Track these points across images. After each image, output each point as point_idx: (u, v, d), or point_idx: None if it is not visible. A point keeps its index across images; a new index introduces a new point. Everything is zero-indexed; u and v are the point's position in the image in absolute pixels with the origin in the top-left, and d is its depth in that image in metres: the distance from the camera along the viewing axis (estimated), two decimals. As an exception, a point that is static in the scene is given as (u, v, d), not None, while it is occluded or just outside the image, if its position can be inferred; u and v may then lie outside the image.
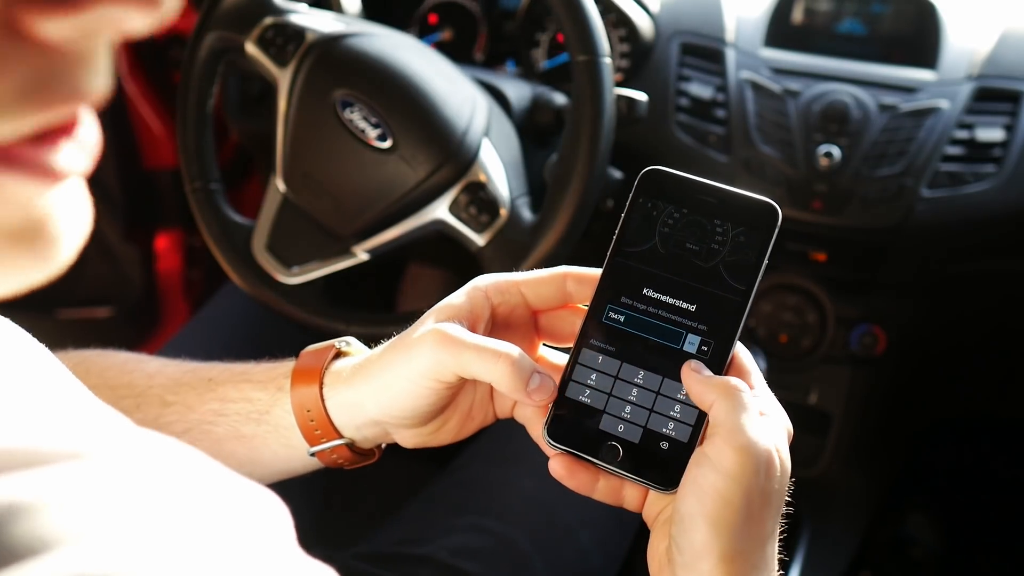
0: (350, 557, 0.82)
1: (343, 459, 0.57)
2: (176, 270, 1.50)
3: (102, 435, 0.32)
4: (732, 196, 0.51)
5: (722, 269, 0.51)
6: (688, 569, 0.46)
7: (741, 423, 0.46)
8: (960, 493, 1.45)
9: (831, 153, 1.02)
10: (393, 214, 0.83)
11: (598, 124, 0.78)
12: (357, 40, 0.84)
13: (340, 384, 0.55)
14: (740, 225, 0.51)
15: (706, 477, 0.46)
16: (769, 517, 0.46)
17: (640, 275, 0.51)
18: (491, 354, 0.50)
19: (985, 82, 1.04)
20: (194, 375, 0.61)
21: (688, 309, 0.51)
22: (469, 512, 0.85)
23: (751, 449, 0.45)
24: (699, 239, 0.51)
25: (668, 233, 0.51)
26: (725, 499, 0.45)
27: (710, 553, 0.45)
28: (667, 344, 0.51)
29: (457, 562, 0.79)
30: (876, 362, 1.17)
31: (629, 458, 0.50)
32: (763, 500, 0.46)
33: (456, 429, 0.57)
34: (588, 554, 0.86)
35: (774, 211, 0.51)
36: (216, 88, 0.87)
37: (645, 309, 0.51)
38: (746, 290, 0.50)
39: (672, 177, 0.52)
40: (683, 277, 0.51)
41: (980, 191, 1.02)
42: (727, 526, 0.45)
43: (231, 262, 0.86)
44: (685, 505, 0.46)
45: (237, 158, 1.45)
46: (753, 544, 0.46)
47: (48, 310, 1.41)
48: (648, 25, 1.10)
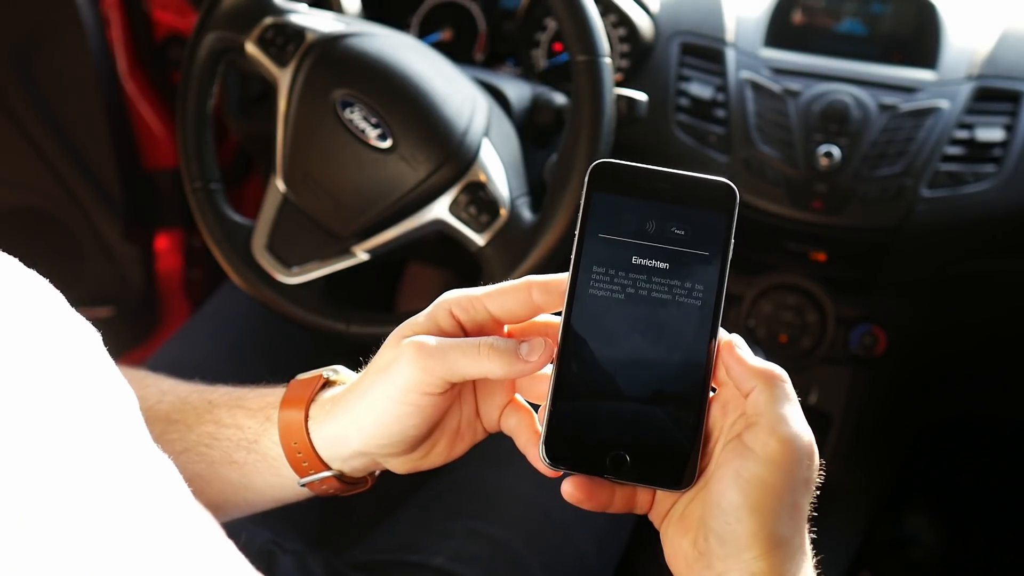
0: (347, 566, 0.82)
1: (333, 489, 0.57)
2: (176, 270, 1.50)
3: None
4: (686, 180, 0.50)
5: (692, 252, 0.50)
6: (730, 560, 0.45)
7: (784, 413, 0.46)
8: (960, 493, 1.45)
9: (831, 153, 1.02)
10: (393, 214, 0.83)
11: (598, 124, 0.78)
12: (357, 40, 0.84)
13: (323, 417, 0.55)
14: (701, 207, 0.50)
15: (749, 468, 0.45)
16: (806, 503, 0.47)
17: (611, 271, 0.50)
18: (473, 347, 0.49)
19: (985, 82, 1.04)
20: (198, 396, 0.61)
21: (666, 298, 0.49)
22: (465, 516, 0.84)
23: (796, 439, 0.45)
24: (663, 226, 0.50)
25: (631, 224, 0.50)
26: (771, 488, 0.45)
27: (756, 542, 0.45)
28: (652, 338, 0.49)
29: (454, 568, 0.79)
30: (876, 362, 1.17)
31: (637, 465, 0.48)
32: (805, 487, 0.46)
33: (446, 451, 0.56)
34: (585, 554, 0.86)
35: (730, 189, 0.50)
36: (216, 88, 0.87)
37: (623, 305, 0.50)
38: (720, 270, 0.49)
39: (623, 168, 0.51)
40: (655, 266, 0.50)
41: (980, 191, 1.02)
42: (773, 514, 0.45)
43: (231, 262, 0.86)
44: (727, 497, 0.45)
45: (237, 158, 1.45)
46: (795, 529, 0.46)
47: (48, 310, 1.41)
48: (648, 25, 1.10)
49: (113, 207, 1.39)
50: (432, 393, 0.50)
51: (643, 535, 0.53)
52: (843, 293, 1.15)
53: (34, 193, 1.40)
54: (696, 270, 0.50)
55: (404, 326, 0.53)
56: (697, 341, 0.49)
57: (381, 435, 0.52)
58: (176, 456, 0.58)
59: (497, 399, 0.54)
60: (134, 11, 1.36)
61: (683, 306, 0.49)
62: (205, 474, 0.58)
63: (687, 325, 0.49)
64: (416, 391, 0.50)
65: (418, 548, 0.82)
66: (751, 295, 1.15)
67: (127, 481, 0.36)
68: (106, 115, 1.34)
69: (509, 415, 0.54)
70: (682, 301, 0.49)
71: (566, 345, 0.49)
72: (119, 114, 1.36)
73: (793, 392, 0.47)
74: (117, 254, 1.43)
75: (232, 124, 1.24)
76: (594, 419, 0.49)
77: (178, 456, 0.58)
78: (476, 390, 0.55)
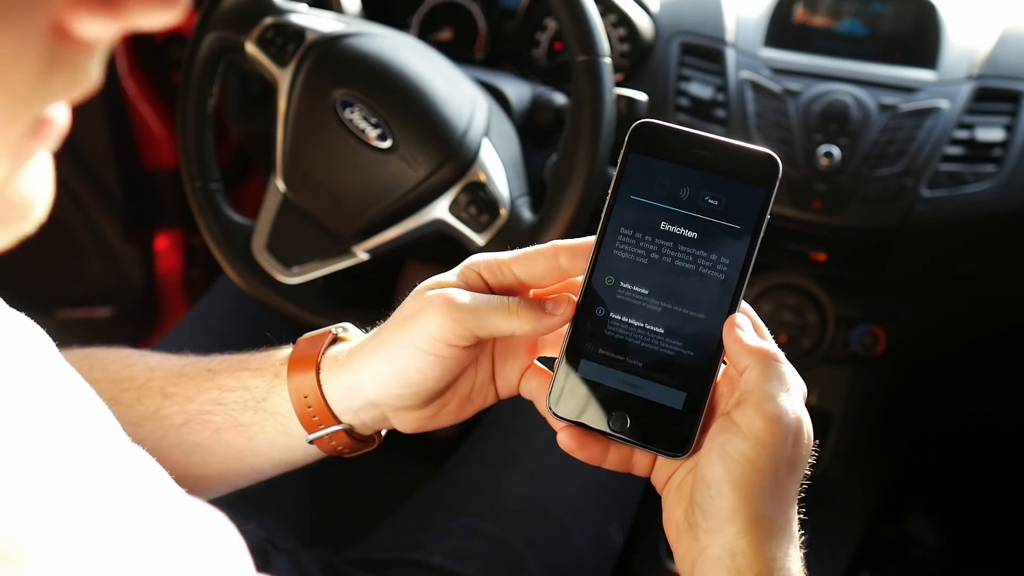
0: (346, 564, 0.82)
1: (342, 446, 0.57)
2: (176, 270, 1.50)
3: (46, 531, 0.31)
4: (729, 148, 0.49)
5: (724, 224, 0.49)
6: (713, 533, 0.46)
7: (772, 392, 0.46)
8: (960, 493, 1.45)
9: (831, 153, 1.02)
10: (393, 214, 0.83)
11: (598, 124, 0.78)
12: (357, 40, 0.84)
13: (337, 368, 0.55)
14: (740, 178, 0.49)
15: (733, 444, 0.46)
16: (793, 483, 0.47)
17: (638, 234, 0.50)
18: (503, 303, 0.50)
19: (985, 82, 1.04)
20: (194, 366, 0.61)
21: (688, 269, 0.49)
22: (463, 514, 0.85)
23: (782, 418, 0.46)
24: (697, 194, 0.49)
25: (664, 188, 0.49)
26: (754, 465, 0.45)
27: (737, 517, 0.45)
28: (670, 305, 0.49)
29: (452, 566, 0.79)
30: (876, 362, 1.17)
31: (638, 426, 0.49)
32: (789, 467, 0.46)
33: (455, 412, 0.56)
34: (582, 552, 0.86)
35: (774, 162, 0.49)
36: (216, 88, 0.87)
37: (646, 270, 0.49)
38: (749, 245, 0.49)
39: (665, 130, 0.50)
40: (683, 235, 0.49)
41: (980, 191, 1.02)
42: (754, 491, 0.45)
43: (231, 262, 0.86)
44: (712, 471, 0.46)
45: (237, 158, 1.45)
46: (778, 508, 0.46)
47: (48, 310, 1.41)
48: (648, 25, 1.10)
49: (113, 207, 1.39)
50: (458, 345, 0.51)
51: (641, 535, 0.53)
52: (843, 293, 1.15)
53: (34, 193, 1.40)
54: (725, 243, 0.49)
55: (430, 282, 0.53)
56: (714, 314, 0.49)
57: (399, 384, 0.52)
58: (177, 429, 0.57)
59: (518, 362, 0.55)
60: (134, 11, 1.35)
61: (706, 278, 0.49)
62: (208, 443, 0.58)
63: (707, 297, 0.49)
64: (444, 340, 0.50)
65: (417, 546, 0.82)
66: (751, 295, 1.15)
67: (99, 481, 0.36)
68: (106, 115, 1.34)
69: (529, 379, 0.54)
70: (706, 273, 0.49)
71: (585, 301, 0.50)
72: (119, 114, 1.36)
73: (789, 374, 0.48)
74: (117, 254, 1.43)
75: (232, 124, 1.24)
76: (602, 377, 0.50)
77: (179, 429, 0.58)
78: (495, 353, 0.55)
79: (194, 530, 0.36)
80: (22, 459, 0.33)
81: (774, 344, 0.49)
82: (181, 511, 0.37)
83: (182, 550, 0.35)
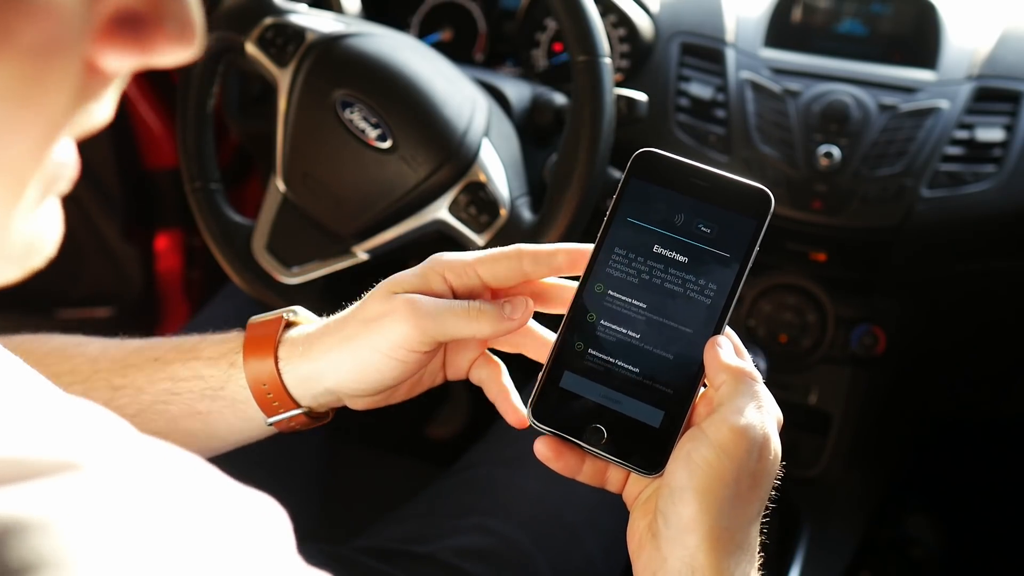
0: (353, 550, 0.82)
1: (300, 425, 0.59)
2: (176, 270, 1.50)
3: (96, 443, 0.32)
4: (725, 181, 0.51)
5: (714, 251, 0.51)
6: (673, 543, 0.46)
7: (741, 405, 0.47)
8: (960, 493, 1.45)
9: (831, 153, 1.02)
10: (393, 214, 0.83)
11: (598, 124, 0.78)
12: (357, 40, 0.84)
13: (296, 358, 0.56)
14: (733, 210, 0.51)
15: (699, 451, 0.47)
16: (756, 499, 0.47)
17: (632, 255, 0.51)
18: (465, 309, 0.51)
19: (985, 82, 1.04)
20: (139, 355, 0.61)
21: (676, 292, 0.51)
22: (474, 512, 0.84)
23: (748, 430, 0.47)
24: (691, 221, 0.51)
25: (661, 214, 0.51)
26: (717, 473, 0.46)
27: (698, 526, 0.46)
28: (656, 325, 0.51)
29: (461, 562, 0.79)
30: (876, 362, 1.17)
31: (613, 441, 0.50)
32: (752, 481, 0.47)
33: (405, 393, 0.58)
34: (593, 557, 0.86)
35: (767, 197, 0.51)
36: (216, 88, 0.87)
37: (636, 289, 0.51)
38: (737, 273, 0.50)
39: (665, 160, 0.52)
40: (675, 259, 0.51)
41: (980, 191, 1.02)
42: (716, 501, 0.46)
43: (231, 262, 0.86)
44: (676, 478, 0.47)
45: (237, 158, 1.45)
46: (739, 523, 0.47)
47: (48, 310, 1.41)
48: (648, 25, 1.10)
49: (113, 207, 1.39)
50: (420, 351, 0.52)
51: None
52: (843, 293, 1.15)
53: (34, 193, 1.40)
54: (714, 269, 0.51)
55: (392, 282, 0.54)
56: (698, 337, 0.50)
57: (359, 380, 0.54)
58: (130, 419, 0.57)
59: (469, 353, 0.57)
60: (134, 11, 1.35)
61: (693, 302, 0.51)
62: (164, 431, 0.59)
63: (692, 321, 0.50)
64: (406, 347, 0.52)
65: (426, 540, 0.82)
66: (751, 295, 1.15)
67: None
68: (106, 115, 1.33)
69: (480, 367, 0.56)
70: (693, 297, 0.51)
71: (574, 315, 0.52)
72: (119, 114, 1.36)
73: (763, 394, 0.49)
74: (117, 254, 1.43)
75: (232, 124, 1.24)
76: (584, 389, 0.51)
77: (132, 419, 0.58)
78: (447, 344, 0.57)
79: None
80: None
81: (752, 366, 0.50)
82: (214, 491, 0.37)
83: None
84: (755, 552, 0.48)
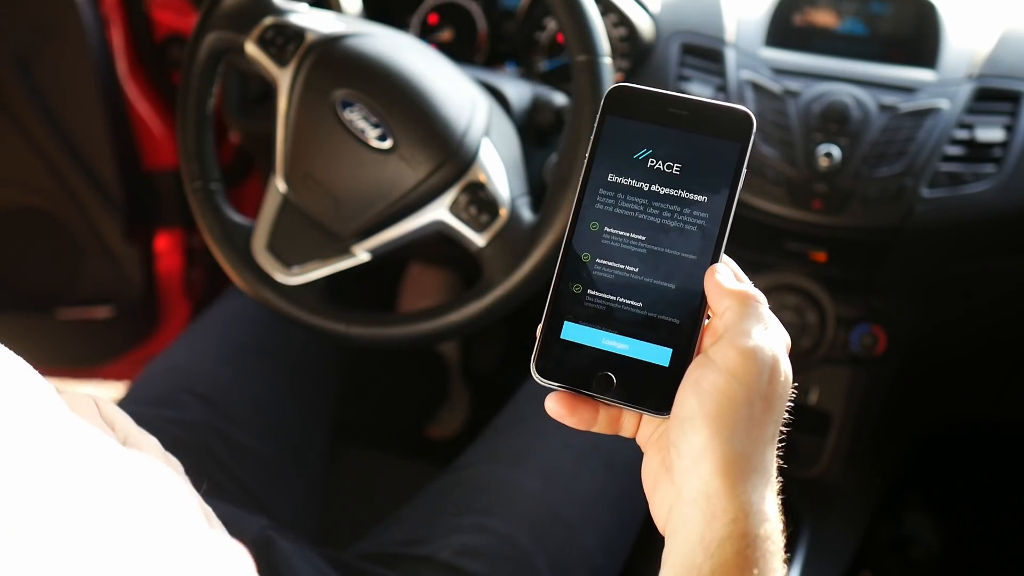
0: (353, 556, 0.82)
1: None
2: (176, 270, 1.49)
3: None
4: (703, 107, 0.50)
5: (701, 180, 0.50)
6: (687, 474, 0.46)
7: (748, 328, 0.46)
8: (960, 493, 1.45)
9: (831, 153, 1.02)
10: (393, 214, 0.83)
11: (598, 124, 0.78)
12: (357, 40, 0.84)
13: None
14: (714, 135, 0.50)
15: (707, 377, 0.46)
16: (769, 421, 0.46)
17: (619, 195, 0.50)
18: None
19: (985, 82, 1.04)
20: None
21: (669, 226, 0.50)
22: (472, 512, 0.84)
23: (757, 352, 0.46)
24: (674, 151, 0.50)
25: (642, 148, 0.50)
26: (728, 398, 0.45)
27: (711, 454, 0.45)
28: (651, 262, 0.50)
29: (460, 562, 0.79)
30: (876, 362, 1.17)
31: (623, 386, 0.49)
32: (765, 404, 0.46)
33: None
34: (592, 553, 0.86)
35: (747, 118, 0.50)
36: (216, 88, 0.87)
37: (627, 228, 0.50)
38: (728, 198, 0.49)
39: (639, 93, 0.51)
40: (662, 192, 0.50)
41: (980, 191, 1.02)
42: (727, 426, 0.45)
43: (231, 262, 0.86)
44: (685, 407, 0.46)
45: (237, 158, 1.45)
46: (753, 447, 0.46)
47: (48, 310, 1.41)
48: (648, 25, 1.10)
49: (113, 207, 1.39)
50: None
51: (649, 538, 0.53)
52: (843, 293, 1.15)
53: (34, 193, 1.40)
54: (704, 197, 0.49)
55: None
56: (696, 269, 0.49)
57: None
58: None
59: None
60: (134, 11, 1.35)
61: (686, 234, 0.50)
62: None
63: (688, 251, 0.49)
64: None
65: (424, 542, 0.82)
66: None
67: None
68: (106, 115, 1.34)
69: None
70: (686, 229, 0.50)
71: (565, 263, 0.50)
72: (119, 114, 1.36)
73: (767, 316, 0.48)
74: (117, 254, 1.43)
75: (232, 124, 1.24)
76: (586, 338, 0.50)
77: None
78: None
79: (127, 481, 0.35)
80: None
81: (753, 287, 0.49)
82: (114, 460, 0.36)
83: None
84: (772, 475, 0.47)
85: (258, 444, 0.94)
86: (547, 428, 0.92)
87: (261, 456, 0.93)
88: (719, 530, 0.44)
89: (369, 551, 0.83)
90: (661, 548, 0.51)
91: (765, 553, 0.45)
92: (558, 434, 0.91)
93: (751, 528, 0.44)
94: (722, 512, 0.44)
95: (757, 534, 0.44)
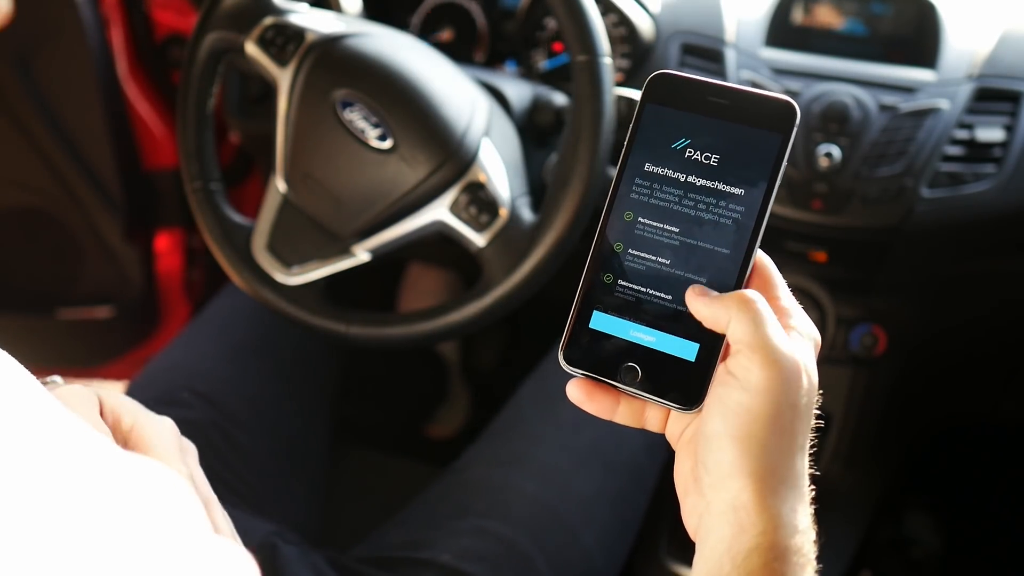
0: (354, 560, 0.82)
1: None
2: (176, 270, 1.49)
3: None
4: (745, 96, 0.49)
5: (740, 171, 0.48)
6: (715, 488, 0.45)
7: (764, 336, 0.45)
8: (960, 493, 1.45)
9: (831, 153, 1.02)
10: (393, 214, 0.83)
11: (598, 124, 0.78)
12: (357, 40, 0.84)
13: None
14: (756, 124, 0.48)
15: (731, 395, 0.45)
16: (800, 431, 0.45)
17: (655, 185, 0.49)
18: None
19: (985, 82, 1.04)
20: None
21: (703, 218, 0.48)
22: (472, 514, 0.84)
23: (778, 363, 0.44)
24: (713, 141, 0.49)
25: (680, 137, 0.49)
26: (753, 415, 0.44)
27: (739, 472, 0.44)
28: (684, 254, 0.49)
29: (461, 565, 0.79)
30: (876, 362, 1.17)
31: (648, 378, 0.48)
32: (793, 414, 0.45)
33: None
34: (591, 555, 0.86)
35: (791, 109, 0.48)
36: (216, 88, 0.87)
37: (661, 219, 0.49)
38: (766, 191, 0.48)
39: (680, 80, 0.50)
40: (698, 183, 0.49)
41: (980, 191, 1.02)
42: (756, 443, 0.44)
43: (231, 262, 0.86)
44: (711, 425, 0.45)
45: (237, 158, 1.45)
46: (783, 459, 0.45)
47: (48, 310, 1.41)
48: (648, 25, 1.10)
49: (113, 207, 1.39)
50: None
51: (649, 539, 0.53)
52: (843, 293, 1.15)
53: (34, 193, 1.40)
54: (741, 190, 0.48)
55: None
56: (728, 264, 0.48)
57: None
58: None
59: None
60: (134, 11, 1.36)
61: (721, 226, 0.48)
62: None
63: (721, 247, 0.48)
64: None
65: (425, 545, 0.82)
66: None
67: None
68: (106, 115, 1.34)
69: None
70: (720, 222, 0.48)
71: (599, 252, 0.50)
72: (119, 114, 1.36)
73: (770, 312, 0.46)
74: (117, 254, 1.43)
75: (232, 124, 1.24)
76: (615, 328, 0.49)
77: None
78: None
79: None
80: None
81: (788, 292, 0.48)
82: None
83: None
84: (803, 485, 0.46)
85: (258, 442, 0.94)
86: (546, 429, 0.92)
87: (261, 454, 0.93)
88: (747, 541, 0.44)
89: (370, 554, 0.83)
90: (661, 548, 0.51)
91: (794, 566, 0.44)
92: (557, 435, 0.91)
93: (780, 540, 0.44)
94: (751, 525, 0.44)
95: (787, 546, 0.44)
